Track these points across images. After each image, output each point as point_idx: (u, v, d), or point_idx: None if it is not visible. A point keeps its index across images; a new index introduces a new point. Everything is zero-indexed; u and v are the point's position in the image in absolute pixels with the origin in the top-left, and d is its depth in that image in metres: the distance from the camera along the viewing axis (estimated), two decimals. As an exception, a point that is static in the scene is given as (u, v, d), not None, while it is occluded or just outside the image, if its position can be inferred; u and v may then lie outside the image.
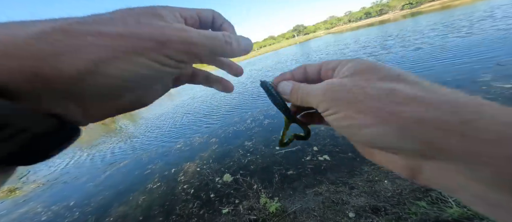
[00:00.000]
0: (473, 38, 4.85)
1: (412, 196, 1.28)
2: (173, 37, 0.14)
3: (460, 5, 18.42)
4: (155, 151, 3.89)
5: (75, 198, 3.03)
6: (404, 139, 0.13)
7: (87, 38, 0.12)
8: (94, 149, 5.72)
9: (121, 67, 0.13)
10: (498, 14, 7.15)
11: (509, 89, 2.28)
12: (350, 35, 17.87)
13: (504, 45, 3.75)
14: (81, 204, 2.81)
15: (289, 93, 0.21)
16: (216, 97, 7.25)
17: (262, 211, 1.62)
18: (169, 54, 0.15)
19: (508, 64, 2.90)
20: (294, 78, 0.22)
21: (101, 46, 0.13)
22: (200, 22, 0.19)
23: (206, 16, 0.19)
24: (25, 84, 0.11)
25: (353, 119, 0.15)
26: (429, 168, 0.14)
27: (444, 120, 0.12)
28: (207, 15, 0.19)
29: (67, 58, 0.12)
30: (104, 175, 3.55)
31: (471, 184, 0.12)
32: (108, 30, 0.13)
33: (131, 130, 7.10)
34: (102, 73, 0.13)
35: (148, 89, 0.19)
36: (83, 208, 2.68)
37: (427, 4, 49.73)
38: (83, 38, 0.12)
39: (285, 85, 0.21)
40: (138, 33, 0.14)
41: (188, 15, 0.18)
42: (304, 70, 0.22)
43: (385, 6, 58.37)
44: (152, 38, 0.14)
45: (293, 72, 0.22)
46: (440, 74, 3.31)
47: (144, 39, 0.14)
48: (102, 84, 0.13)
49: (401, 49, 5.83)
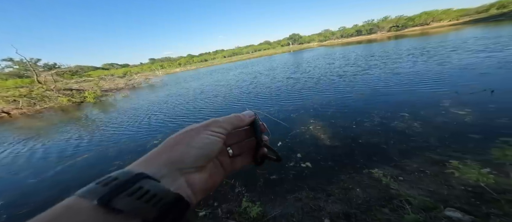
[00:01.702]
0: (439, 66, 5.48)
1: (378, 204, 1.43)
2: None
3: (436, 33, 20.54)
4: (126, 145, 3.65)
5: (6, 197, 2.58)
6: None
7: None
8: (48, 138, 5.02)
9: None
10: (463, 47, 8.14)
11: (463, 116, 2.64)
12: (340, 50, 18.90)
13: (462, 76, 4.31)
14: (13, 204, 2.38)
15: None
16: (202, 96, 7.22)
17: (243, 215, 1.64)
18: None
19: (464, 94, 3.35)
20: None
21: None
22: None
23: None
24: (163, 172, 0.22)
25: None
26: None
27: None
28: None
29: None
30: (54, 170, 3.12)
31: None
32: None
33: (99, 119, 6.58)
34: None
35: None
36: (15, 209, 2.27)
37: (410, 28, 54.46)
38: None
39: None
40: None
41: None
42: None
43: (375, 26, 62.67)
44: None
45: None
46: (408, 97, 3.68)
47: None
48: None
49: (379, 71, 6.38)
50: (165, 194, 0.20)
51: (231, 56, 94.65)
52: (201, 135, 0.26)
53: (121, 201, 0.18)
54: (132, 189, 0.19)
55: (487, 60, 5.22)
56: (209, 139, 0.26)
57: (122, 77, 20.21)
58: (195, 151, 0.25)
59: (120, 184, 0.19)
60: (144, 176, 0.20)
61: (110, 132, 4.81)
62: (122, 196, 0.18)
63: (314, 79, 6.78)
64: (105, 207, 0.17)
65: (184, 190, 0.23)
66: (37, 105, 11.61)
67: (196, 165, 0.25)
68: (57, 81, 14.37)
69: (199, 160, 0.25)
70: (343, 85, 5.34)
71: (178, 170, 0.23)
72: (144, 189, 0.19)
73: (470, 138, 2.11)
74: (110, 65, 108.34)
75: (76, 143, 4.35)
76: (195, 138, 0.26)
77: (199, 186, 0.25)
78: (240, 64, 25.05)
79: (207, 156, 0.26)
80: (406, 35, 26.19)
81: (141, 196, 0.18)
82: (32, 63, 16.59)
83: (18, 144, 5.04)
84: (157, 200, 0.19)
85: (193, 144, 0.25)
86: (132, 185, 0.19)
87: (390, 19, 62.17)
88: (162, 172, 0.22)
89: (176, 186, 0.22)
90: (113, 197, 0.18)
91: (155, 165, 0.23)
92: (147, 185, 0.19)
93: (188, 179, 0.24)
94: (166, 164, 0.23)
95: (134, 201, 0.18)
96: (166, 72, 48.23)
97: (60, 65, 20.21)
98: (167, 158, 0.23)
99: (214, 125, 0.28)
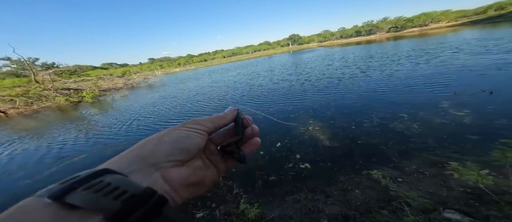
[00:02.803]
0: (437, 68, 5.50)
1: (377, 205, 1.42)
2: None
3: (435, 34, 20.66)
4: (123, 146, 3.65)
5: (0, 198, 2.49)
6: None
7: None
8: (42, 138, 4.97)
9: None
10: (462, 48, 8.18)
11: (462, 117, 2.64)
12: (339, 50, 18.95)
13: (461, 77, 4.33)
14: (6, 207, 2.39)
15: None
16: (196, 98, 7.19)
17: (241, 216, 1.62)
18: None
19: (462, 95, 3.36)
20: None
21: None
22: None
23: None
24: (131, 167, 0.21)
25: None
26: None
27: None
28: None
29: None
30: (49, 171, 3.08)
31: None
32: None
33: (96, 119, 6.53)
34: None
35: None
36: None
37: (409, 29, 54.75)
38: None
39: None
40: None
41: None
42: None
43: (374, 27, 62.94)
44: None
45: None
46: (407, 98, 3.68)
47: None
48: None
49: (378, 72, 6.39)
50: (130, 186, 0.18)
51: (231, 56, 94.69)
52: (175, 131, 0.25)
53: (76, 196, 0.16)
54: (90, 183, 0.17)
55: (485, 61, 5.24)
56: (185, 134, 0.25)
57: (121, 77, 20.14)
58: (168, 144, 0.24)
59: (79, 180, 0.17)
60: (107, 171, 0.19)
61: (106, 132, 4.78)
62: (78, 191, 0.17)
63: (313, 81, 6.78)
64: (58, 203, 0.16)
65: (160, 185, 0.22)
66: (34, 105, 11.52)
67: (171, 159, 0.23)
68: (55, 81, 14.28)
69: (175, 154, 0.24)
70: (342, 87, 5.34)
71: (151, 165, 0.22)
72: (104, 182, 0.18)
73: (469, 139, 2.11)
74: (109, 65, 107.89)
75: (73, 143, 4.31)
76: (169, 134, 0.25)
77: (178, 181, 0.23)
78: (239, 65, 25.06)
79: (184, 150, 0.24)
80: (405, 36, 26.36)
81: (100, 189, 0.17)
82: (29, 62, 16.46)
83: (13, 144, 4.98)
84: (120, 193, 0.17)
85: (166, 139, 0.24)
86: (92, 179, 0.18)
87: (389, 20, 62.48)
88: (131, 167, 0.21)
89: (150, 181, 0.21)
90: (67, 193, 0.16)
91: (124, 162, 0.21)
92: (109, 178, 0.18)
93: (164, 174, 0.22)
94: (135, 159, 0.22)
95: (91, 194, 0.16)
96: (165, 72, 48.13)
97: (58, 64, 20.08)
98: (137, 154, 0.22)
99: (192, 123, 0.27)
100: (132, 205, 0.17)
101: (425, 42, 13.34)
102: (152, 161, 0.22)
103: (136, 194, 0.18)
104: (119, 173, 0.19)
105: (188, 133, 0.26)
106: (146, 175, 0.21)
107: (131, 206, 0.17)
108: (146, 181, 0.21)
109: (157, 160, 0.22)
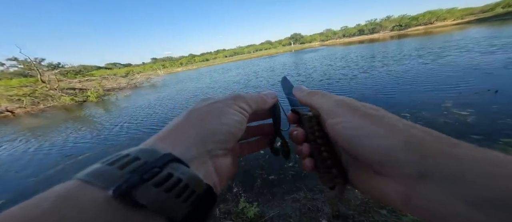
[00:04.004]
0: (442, 66, 5.40)
1: (377, 205, 1.42)
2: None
3: (440, 32, 20.28)
4: (127, 145, 3.67)
5: (7, 196, 2.56)
6: (407, 151, 0.15)
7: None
8: (48, 137, 5.06)
9: None
10: (468, 47, 8.02)
11: (465, 116, 2.59)
12: (341, 50, 18.78)
13: (466, 76, 4.24)
14: (13, 204, 2.43)
15: (307, 91, 0.26)
16: (193, 100, 7.22)
17: (240, 215, 1.64)
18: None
19: (467, 94, 3.29)
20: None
21: None
22: None
23: None
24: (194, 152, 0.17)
25: (363, 129, 0.17)
26: (421, 191, 0.14)
27: (440, 145, 0.15)
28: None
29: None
30: (54, 170, 3.10)
31: (455, 204, 0.12)
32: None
33: (100, 118, 6.60)
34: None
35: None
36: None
37: (413, 27, 53.87)
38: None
39: (302, 87, 0.28)
40: None
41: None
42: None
43: (378, 25, 62.14)
44: None
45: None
46: (410, 97, 3.62)
47: None
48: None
49: (380, 71, 6.32)
50: (197, 184, 0.15)
51: (232, 55, 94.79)
52: (230, 109, 0.21)
53: (146, 194, 0.13)
54: (159, 176, 0.14)
55: (492, 60, 5.13)
56: (238, 117, 0.21)
57: (124, 76, 20.39)
58: (226, 128, 0.20)
59: (145, 169, 0.14)
60: (173, 158, 0.15)
61: (110, 131, 4.85)
62: (147, 186, 0.13)
63: (314, 80, 6.74)
64: (122, 199, 0.12)
65: (212, 177, 0.19)
66: (41, 104, 11.77)
67: (225, 146, 0.20)
68: (61, 81, 14.55)
69: (229, 141, 0.20)
70: (342, 86, 5.30)
71: (207, 151, 0.18)
72: (175, 177, 0.14)
73: (472, 139, 2.07)
74: (113, 65, 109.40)
75: (78, 141, 4.39)
76: (226, 113, 0.21)
77: (225, 172, 0.20)
78: (240, 64, 25.05)
79: (235, 137, 0.21)
80: (409, 35, 25.93)
81: (171, 187, 0.14)
82: (36, 62, 16.81)
83: (20, 143, 5.10)
84: (189, 194, 0.15)
85: (223, 120, 0.20)
86: (159, 170, 0.14)
87: (393, 18, 61.58)
88: (192, 152, 0.17)
89: (204, 172, 0.18)
90: (135, 187, 0.12)
91: (184, 143, 0.17)
92: (178, 171, 0.15)
93: (215, 163, 0.19)
94: (196, 142, 0.18)
95: (162, 195, 0.13)
96: (168, 71, 48.57)
97: (64, 64, 20.47)
98: (197, 134, 0.18)
99: (241, 100, 0.23)
100: (196, 209, 0.15)
101: (430, 40, 13.11)
102: (209, 147, 0.19)
103: (200, 194, 0.15)
104: (183, 163, 0.16)
105: (240, 117, 0.21)
106: (202, 163, 0.18)
107: (196, 211, 0.15)
108: (202, 172, 0.18)
109: (214, 146, 0.19)
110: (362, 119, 0.18)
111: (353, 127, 0.18)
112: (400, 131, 0.16)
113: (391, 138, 0.16)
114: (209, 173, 0.18)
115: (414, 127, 0.17)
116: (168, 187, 0.14)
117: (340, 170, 0.21)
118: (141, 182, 0.13)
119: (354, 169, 0.20)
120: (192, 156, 0.17)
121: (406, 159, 0.15)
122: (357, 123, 0.18)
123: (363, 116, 0.18)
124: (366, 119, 0.18)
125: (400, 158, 0.15)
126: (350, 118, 0.19)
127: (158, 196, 0.13)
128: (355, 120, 0.18)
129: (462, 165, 0.13)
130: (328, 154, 0.21)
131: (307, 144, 0.23)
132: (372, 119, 0.18)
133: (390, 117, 0.18)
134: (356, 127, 0.18)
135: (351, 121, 0.19)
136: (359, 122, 0.18)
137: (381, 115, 0.18)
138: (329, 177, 0.21)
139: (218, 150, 0.19)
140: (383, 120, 0.17)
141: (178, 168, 0.15)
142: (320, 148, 0.22)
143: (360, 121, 0.18)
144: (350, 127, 0.18)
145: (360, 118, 0.18)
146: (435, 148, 0.15)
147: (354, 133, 0.18)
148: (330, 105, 0.21)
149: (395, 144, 0.15)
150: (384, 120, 0.17)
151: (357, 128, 0.18)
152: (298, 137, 0.24)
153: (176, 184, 0.14)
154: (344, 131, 0.19)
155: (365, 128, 0.17)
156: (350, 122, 0.19)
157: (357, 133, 0.18)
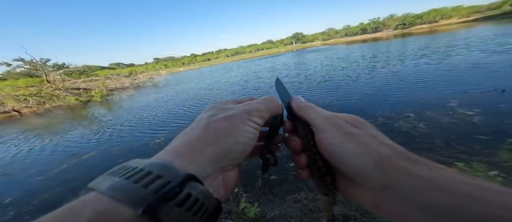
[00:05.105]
0: (447, 66, 5.30)
1: (379, 206, 1.40)
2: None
3: (445, 30, 19.94)
4: (129, 144, 3.69)
5: (14, 194, 2.61)
6: (375, 169, 0.18)
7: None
8: (54, 137, 5.13)
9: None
10: (474, 45, 7.85)
11: (471, 116, 2.54)
12: (344, 49, 18.61)
13: (472, 75, 4.15)
14: (19, 202, 2.41)
15: (303, 104, 0.26)
16: (192, 101, 7.25)
17: (241, 215, 1.64)
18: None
19: (472, 93, 3.23)
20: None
21: None
22: None
23: None
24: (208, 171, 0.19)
25: (343, 146, 0.20)
26: (386, 199, 0.18)
27: (402, 163, 0.18)
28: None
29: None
30: (59, 168, 3.16)
31: (411, 209, 0.16)
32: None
33: (104, 118, 6.68)
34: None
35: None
36: (21, 207, 2.31)
37: (417, 26, 52.98)
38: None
39: (300, 99, 0.28)
40: None
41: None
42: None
43: (381, 24, 61.36)
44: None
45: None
46: (414, 97, 3.57)
47: None
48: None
49: (384, 70, 6.24)
50: (209, 201, 0.17)
51: (234, 55, 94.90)
52: (246, 126, 0.22)
53: (170, 213, 0.14)
54: (181, 197, 0.15)
55: (499, 58, 5.01)
56: (252, 134, 0.22)
57: (127, 76, 20.62)
58: (241, 147, 0.21)
59: (168, 189, 0.15)
60: (191, 177, 0.17)
61: (114, 130, 4.90)
62: (171, 206, 0.15)
63: (317, 80, 6.70)
64: (149, 218, 0.14)
65: (220, 191, 0.20)
66: (47, 104, 11.99)
67: (236, 162, 0.22)
68: (65, 81, 14.81)
69: (241, 158, 0.22)
70: (346, 86, 5.25)
71: (220, 168, 0.20)
72: (193, 197, 0.16)
73: (477, 139, 2.03)
74: (116, 65, 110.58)
75: (82, 141, 4.45)
76: (241, 130, 0.21)
77: (231, 185, 0.22)
78: (241, 64, 25.07)
79: (246, 153, 0.22)
80: (413, 34, 25.54)
81: (190, 207, 0.15)
82: (41, 63, 17.13)
83: (26, 142, 5.20)
84: (204, 211, 0.16)
85: (239, 139, 0.21)
86: (179, 190, 0.15)
87: (397, 17, 60.71)
88: (207, 170, 0.19)
89: (215, 187, 0.19)
90: (159, 205, 0.14)
91: (202, 162, 0.19)
92: (196, 191, 0.16)
93: (224, 177, 0.21)
94: (211, 161, 0.19)
95: (183, 214, 0.15)
96: (170, 71, 48.89)
97: (68, 65, 20.78)
98: (213, 152, 0.19)
99: (256, 114, 0.23)
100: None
101: (435, 39, 12.89)
102: (223, 164, 0.20)
103: (211, 209, 0.17)
104: (199, 181, 0.17)
105: (253, 133, 0.22)
106: (214, 179, 0.19)
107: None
108: (213, 187, 0.19)
109: (227, 163, 0.20)
110: (344, 137, 0.21)
111: (336, 144, 0.21)
112: (372, 150, 0.19)
113: (365, 156, 0.19)
114: (219, 186, 0.20)
115: (385, 144, 0.20)
116: (188, 207, 0.15)
117: (332, 178, 0.23)
118: (165, 201, 0.15)
119: (339, 178, 0.23)
120: (207, 174, 0.19)
121: (374, 175, 0.18)
122: (340, 140, 0.21)
123: (345, 134, 0.21)
124: (347, 137, 0.21)
125: (370, 174, 0.19)
126: (334, 134, 0.21)
127: (180, 216, 0.15)
128: (338, 137, 0.21)
129: (415, 179, 0.17)
130: (322, 163, 0.23)
131: (304, 155, 0.25)
132: (352, 137, 0.21)
133: (365, 135, 0.21)
134: (338, 143, 0.21)
135: (335, 138, 0.21)
136: (341, 139, 0.21)
137: (359, 133, 0.21)
138: (324, 184, 0.23)
139: (229, 166, 0.21)
140: (359, 138, 0.20)
141: (196, 187, 0.17)
142: (315, 157, 0.23)
143: (342, 138, 0.21)
144: (333, 143, 0.21)
145: (342, 136, 0.21)
146: (397, 166, 0.18)
147: (337, 149, 0.21)
148: (319, 121, 0.23)
149: (368, 162, 0.19)
150: (361, 138, 0.20)
151: (339, 145, 0.21)
152: (296, 146, 0.25)
153: (194, 203, 0.16)
154: (328, 147, 0.21)
155: (345, 145, 0.20)
156: (333, 138, 0.21)
157: (339, 150, 0.20)
